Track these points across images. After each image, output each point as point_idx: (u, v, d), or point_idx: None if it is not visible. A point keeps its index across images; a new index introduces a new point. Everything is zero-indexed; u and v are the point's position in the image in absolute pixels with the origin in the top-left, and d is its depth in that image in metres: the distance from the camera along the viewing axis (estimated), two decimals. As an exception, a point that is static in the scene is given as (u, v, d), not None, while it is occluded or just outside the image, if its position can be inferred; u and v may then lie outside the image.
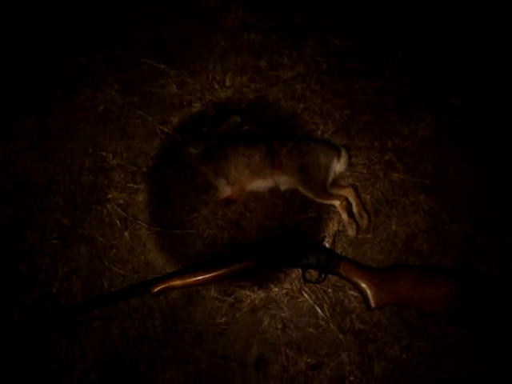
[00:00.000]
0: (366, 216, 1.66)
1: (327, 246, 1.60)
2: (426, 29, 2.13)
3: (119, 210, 1.71)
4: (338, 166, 1.73)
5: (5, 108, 1.95)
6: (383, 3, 2.19)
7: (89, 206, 1.71)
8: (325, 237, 1.62)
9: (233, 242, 1.65)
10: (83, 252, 1.64)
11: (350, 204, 1.67)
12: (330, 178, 1.71)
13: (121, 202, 1.72)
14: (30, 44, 2.10)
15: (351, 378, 1.45)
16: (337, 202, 1.66)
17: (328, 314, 1.52)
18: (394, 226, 1.67)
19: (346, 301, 1.56)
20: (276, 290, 1.56)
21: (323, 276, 1.52)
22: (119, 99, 1.93)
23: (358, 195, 1.69)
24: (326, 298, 1.55)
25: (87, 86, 1.97)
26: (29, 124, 1.90)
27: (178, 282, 1.47)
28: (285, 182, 1.72)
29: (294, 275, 1.59)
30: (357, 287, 1.48)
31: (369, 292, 1.46)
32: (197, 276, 1.47)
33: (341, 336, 1.50)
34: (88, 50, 2.06)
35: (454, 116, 1.91)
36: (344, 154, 1.73)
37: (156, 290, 1.46)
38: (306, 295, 1.55)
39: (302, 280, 1.55)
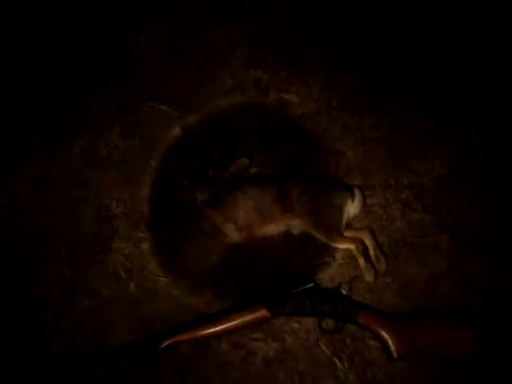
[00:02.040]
0: (383, 259, 1.74)
1: (344, 292, 1.65)
2: (440, 59, 2.22)
3: (124, 259, 1.80)
4: (353, 208, 1.81)
5: (4, 156, 2.08)
6: (392, 37, 2.30)
7: (92, 257, 1.81)
8: (341, 283, 1.68)
9: (244, 290, 1.72)
10: (87, 305, 1.74)
11: (366, 247, 1.75)
12: (345, 220, 1.79)
13: (126, 251, 1.82)
14: (29, 89, 2.24)
15: (372, 434, 1.53)
16: (352, 246, 1.74)
17: (347, 366, 1.59)
18: (413, 269, 1.75)
19: (366, 351, 1.62)
20: (291, 341, 1.64)
21: (341, 325, 1.59)
22: (121, 143, 2.05)
23: (374, 237, 1.77)
24: (344, 348, 1.62)
25: (88, 130, 2.08)
26: (29, 172, 2.02)
27: (187, 336, 1.56)
28: (297, 225, 1.80)
29: (309, 325, 1.65)
30: (377, 336, 1.56)
31: (390, 341, 1.53)
32: (207, 328, 1.56)
33: (361, 388, 1.58)
34: (88, 93, 2.19)
35: (472, 150, 1.99)
36: (358, 194, 1.82)
37: (164, 344, 1.54)
38: (323, 346, 1.63)
39: (318, 330, 1.62)
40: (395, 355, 1.54)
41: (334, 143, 2.03)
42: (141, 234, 1.87)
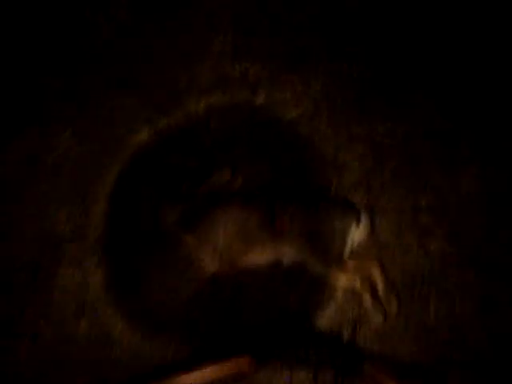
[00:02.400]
0: (394, 298, 1.70)
1: (345, 337, 1.62)
2: (467, 55, 2.13)
3: (73, 293, 1.73)
4: (358, 233, 1.74)
5: None
6: (410, 23, 2.20)
7: (31, 289, 1.74)
8: (342, 325, 1.65)
9: (223, 332, 1.67)
10: (23, 351, 1.66)
11: (374, 282, 1.70)
12: (348, 249, 1.72)
13: (74, 281, 1.75)
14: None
15: None
16: (357, 281, 1.68)
17: (350, 431, 1.50)
18: (432, 312, 1.69)
19: (374, 413, 1.54)
20: (281, 398, 1.54)
21: (341, 380, 1.55)
22: (75, 146, 1.95)
23: (384, 271, 1.72)
24: (345, 408, 1.52)
25: (35, 128, 1.99)
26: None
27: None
28: (289, 253, 1.74)
29: (302, 377, 1.60)
30: (388, 395, 1.46)
31: (404, 403, 1.44)
32: (179, 380, 1.53)
33: None
34: (37, 80, 2.08)
35: (507, 166, 1.91)
36: (365, 217, 1.76)
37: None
38: (319, 405, 1.52)
39: (313, 384, 1.50)
40: (410, 420, 1.45)
41: (337, 152, 1.95)
42: (94, 261, 1.78)
